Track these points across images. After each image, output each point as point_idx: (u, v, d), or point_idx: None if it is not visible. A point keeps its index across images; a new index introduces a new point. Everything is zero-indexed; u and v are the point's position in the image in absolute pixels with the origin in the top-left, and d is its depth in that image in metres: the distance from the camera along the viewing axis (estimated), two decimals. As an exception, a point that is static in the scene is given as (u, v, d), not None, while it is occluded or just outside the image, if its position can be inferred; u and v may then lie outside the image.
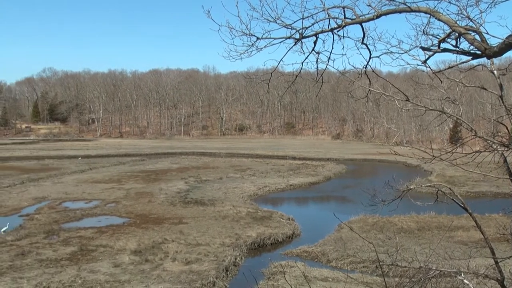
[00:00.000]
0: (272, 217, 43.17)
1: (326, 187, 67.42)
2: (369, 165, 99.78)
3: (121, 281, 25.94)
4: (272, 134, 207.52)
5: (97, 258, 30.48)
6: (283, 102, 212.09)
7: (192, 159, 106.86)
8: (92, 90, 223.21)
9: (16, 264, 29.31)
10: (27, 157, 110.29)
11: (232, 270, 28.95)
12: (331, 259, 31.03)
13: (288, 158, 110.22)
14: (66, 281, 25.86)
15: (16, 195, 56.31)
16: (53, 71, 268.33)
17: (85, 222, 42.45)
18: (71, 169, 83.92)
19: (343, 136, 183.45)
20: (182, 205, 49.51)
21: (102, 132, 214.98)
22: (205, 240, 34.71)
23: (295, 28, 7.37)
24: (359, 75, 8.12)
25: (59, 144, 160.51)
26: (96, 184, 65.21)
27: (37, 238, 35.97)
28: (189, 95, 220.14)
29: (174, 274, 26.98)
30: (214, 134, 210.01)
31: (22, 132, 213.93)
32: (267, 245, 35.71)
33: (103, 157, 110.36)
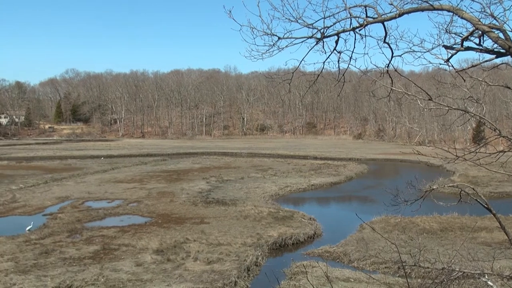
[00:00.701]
0: (294, 217, 43.05)
1: (348, 187, 67.09)
2: (391, 165, 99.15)
3: (143, 280, 26.05)
4: (294, 134, 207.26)
5: (119, 257, 30.65)
6: (305, 102, 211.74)
7: (213, 159, 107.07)
8: (114, 91, 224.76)
9: (40, 262, 29.59)
10: (50, 157, 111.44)
11: (253, 270, 28.90)
12: (353, 260, 30.84)
13: (309, 158, 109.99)
14: (89, 280, 26.04)
15: (40, 194, 56.88)
16: (75, 72, 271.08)
17: (107, 221, 42.72)
18: (93, 169, 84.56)
19: (365, 136, 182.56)
20: (203, 205, 49.59)
21: (124, 132, 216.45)
22: (226, 240, 34.71)
23: (317, 28, 7.35)
24: (381, 74, 8.08)
25: (81, 144, 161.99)
26: (119, 183, 65.62)
27: (61, 237, 36.29)
28: (211, 95, 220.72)
29: (196, 273, 27.02)
30: (236, 134, 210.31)
31: (45, 133, 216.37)
32: (289, 245, 35.61)
33: (125, 157, 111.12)
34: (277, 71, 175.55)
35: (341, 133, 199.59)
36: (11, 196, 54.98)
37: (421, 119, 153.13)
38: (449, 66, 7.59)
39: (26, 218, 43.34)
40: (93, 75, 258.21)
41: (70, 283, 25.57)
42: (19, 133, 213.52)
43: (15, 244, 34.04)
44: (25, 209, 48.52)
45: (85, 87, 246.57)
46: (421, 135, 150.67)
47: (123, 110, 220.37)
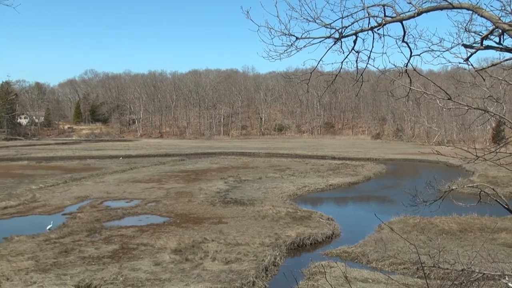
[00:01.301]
0: (312, 217, 42.98)
1: (366, 187, 66.85)
2: (410, 165, 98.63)
3: (162, 279, 26.15)
4: (312, 134, 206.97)
5: (138, 256, 30.80)
6: (322, 102, 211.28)
7: (231, 159, 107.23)
8: (133, 91, 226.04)
9: (60, 261, 29.84)
10: (69, 157, 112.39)
11: (271, 270, 28.89)
12: (371, 260, 30.69)
13: (327, 158, 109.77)
14: (108, 278, 26.22)
15: (59, 194, 57.36)
16: (94, 73, 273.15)
17: (126, 221, 42.94)
18: (112, 168, 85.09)
19: (383, 136, 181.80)
20: (221, 205, 49.67)
21: (143, 133, 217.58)
22: (244, 239, 34.73)
23: (335, 28, 7.33)
24: (399, 74, 8.04)
25: (100, 144, 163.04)
26: (137, 183, 65.96)
27: (80, 236, 36.56)
28: (228, 95, 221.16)
29: (214, 273, 27.07)
30: (253, 134, 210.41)
31: (64, 133, 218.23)
32: (307, 245, 35.55)
33: (144, 157, 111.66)
34: (295, 71, 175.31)
35: (359, 133, 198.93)
36: (31, 196, 55.50)
37: (439, 118, 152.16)
38: (468, 65, 7.54)
39: (46, 218, 43.73)
40: (112, 75, 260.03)
41: (89, 282, 25.77)
42: (39, 133, 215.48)
43: (35, 243, 34.37)
44: (45, 209, 48.96)
45: (103, 88, 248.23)
46: (440, 135, 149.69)
47: (142, 110, 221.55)
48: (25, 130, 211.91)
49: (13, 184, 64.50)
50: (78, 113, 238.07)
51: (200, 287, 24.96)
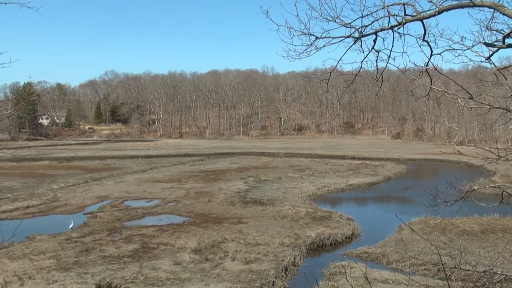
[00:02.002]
0: (332, 217, 42.86)
1: (386, 187, 66.48)
2: (430, 165, 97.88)
3: (182, 279, 26.24)
4: (331, 133, 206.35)
5: (158, 255, 30.94)
6: (342, 102, 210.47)
7: (251, 159, 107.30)
8: (153, 92, 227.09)
9: (81, 260, 30.10)
10: (90, 157, 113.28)
11: (291, 270, 28.85)
12: (392, 261, 30.49)
13: (347, 158, 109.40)
14: (128, 277, 26.38)
15: (80, 193, 57.83)
16: (114, 74, 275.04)
17: (146, 220, 43.18)
18: (132, 168, 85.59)
19: (403, 136, 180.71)
20: (241, 204, 49.71)
21: (163, 133, 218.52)
22: (264, 239, 34.73)
23: (354, 27, 7.29)
24: (420, 73, 7.97)
25: (120, 144, 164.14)
26: (157, 183, 66.25)
27: (101, 235, 36.84)
28: (248, 96, 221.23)
29: (233, 273, 27.10)
30: (273, 134, 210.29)
31: (85, 133, 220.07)
32: (326, 245, 35.45)
33: (164, 157, 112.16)
34: (314, 71, 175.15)
35: (379, 133, 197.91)
36: (53, 195, 56.03)
37: (460, 118, 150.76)
38: (490, 64, 7.45)
39: (67, 217, 44.12)
40: (132, 76, 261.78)
41: (110, 281, 25.95)
42: (60, 133, 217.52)
43: (57, 242, 34.72)
44: (66, 208, 49.40)
45: (124, 88, 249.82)
46: (461, 134, 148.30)
47: (161, 110, 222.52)
48: (46, 131, 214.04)
49: (35, 184, 65.18)
50: (99, 114, 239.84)
51: (220, 287, 25.00)
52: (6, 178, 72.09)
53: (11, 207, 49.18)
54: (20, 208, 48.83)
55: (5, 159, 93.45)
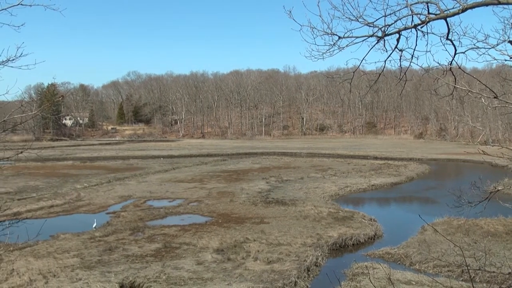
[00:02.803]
0: (354, 217, 42.68)
1: (409, 187, 66.01)
2: (453, 165, 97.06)
3: (204, 278, 26.32)
4: (353, 133, 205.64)
5: (180, 255, 31.07)
6: (364, 101, 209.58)
7: (273, 159, 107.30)
8: (175, 92, 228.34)
9: (104, 259, 30.36)
10: (113, 157, 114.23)
11: (313, 270, 28.77)
12: (415, 262, 30.24)
13: (369, 158, 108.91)
14: (151, 277, 26.54)
15: (103, 193, 58.32)
16: (137, 75, 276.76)
17: (168, 220, 43.39)
18: (155, 168, 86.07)
19: (426, 135, 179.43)
20: (263, 204, 49.72)
21: (185, 133, 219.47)
22: (286, 240, 34.70)
23: (378, 26, 7.26)
24: (443, 72, 7.91)
25: (143, 144, 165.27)
26: (179, 183, 66.54)
27: (123, 234, 37.11)
28: (270, 96, 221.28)
29: (256, 273, 27.12)
30: (295, 134, 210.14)
31: (108, 133, 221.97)
32: (349, 246, 35.31)
33: (186, 157, 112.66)
34: (336, 71, 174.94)
35: (401, 133, 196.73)
36: (76, 195, 56.58)
37: (484, 117, 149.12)
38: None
39: (90, 216, 44.57)
40: (154, 77, 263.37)
41: (133, 280, 26.16)
42: (83, 134, 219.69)
43: (81, 240, 35.06)
44: (89, 208, 49.86)
45: (146, 89, 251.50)
46: (485, 134, 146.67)
47: (184, 111, 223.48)
48: (70, 131, 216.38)
49: (58, 184, 65.88)
50: (121, 114, 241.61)
51: (242, 286, 25.03)
52: (31, 177, 72.98)
53: (36, 206, 49.76)
54: (45, 208, 49.39)
55: (29, 159, 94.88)
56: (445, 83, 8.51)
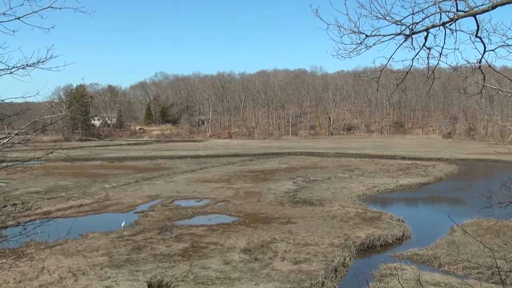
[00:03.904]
0: (382, 218, 42.41)
1: (437, 188, 65.36)
2: (483, 165, 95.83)
3: (231, 278, 26.38)
4: (381, 133, 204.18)
5: (208, 255, 31.19)
6: (392, 101, 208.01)
7: (300, 159, 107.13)
8: (202, 92, 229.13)
9: (133, 257, 30.63)
10: (141, 157, 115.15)
11: (341, 270, 28.66)
12: (443, 263, 29.87)
13: (397, 158, 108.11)
14: (179, 276, 26.69)
15: (131, 193, 58.82)
16: (164, 75, 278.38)
17: (196, 220, 43.60)
18: (182, 168, 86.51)
19: (455, 135, 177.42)
20: (290, 205, 49.66)
21: (212, 133, 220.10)
22: (313, 240, 34.62)
23: (405, 24, 7.21)
24: (472, 70, 7.81)
25: (170, 144, 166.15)
26: (206, 183, 66.78)
27: (151, 233, 37.38)
28: (297, 95, 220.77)
29: (283, 273, 27.10)
30: (322, 134, 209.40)
31: (136, 134, 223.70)
32: (376, 246, 35.09)
33: (213, 157, 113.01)
34: (363, 70, 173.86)
35: (429, 132, 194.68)
36: (105, 194, 57.15)
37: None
38: (546, 60, 7.26)
39: (119, 215, 45.03)
40: (181, 77, 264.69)
41: (161, 279, 26.35)
42: (111, 134, 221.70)
43: (109, 239, 35.43)
44: (118, 207, 50.33)
45: (173, 90, 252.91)
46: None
47: (211, 111, 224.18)
48: (98, 131, 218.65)
49: (87, 183, 66.60)
50: (149, 115, 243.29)
51: (270, 286, 25.03)
52: (60, 177, 73.91)
53: (65, 205, 50.39)
54: (74, 207, 49.98)
55: (59, 159, 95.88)
56: (474, 81, 8.41)
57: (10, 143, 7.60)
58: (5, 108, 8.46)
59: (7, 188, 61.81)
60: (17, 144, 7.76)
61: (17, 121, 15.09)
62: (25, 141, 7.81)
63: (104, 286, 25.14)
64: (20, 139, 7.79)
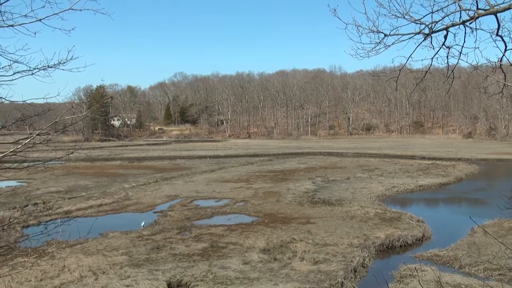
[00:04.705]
0: (401, 218, 42.15)
1: (457, 188, 64.79)
2: (504, 165, 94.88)
3: (250, 278, 26.39)
4: (400, 133, 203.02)
5: (227, 255, 31.23)
6: (411, 100, 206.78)
7: (319, 159, 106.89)
8: (221, 93, 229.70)
9: (152, 257, 30.78)
10: (160, 157, 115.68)
11: (360, 271, 28.53)
12: (464, 265, 29.57)
13: (417, 158, 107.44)
14: (198, 275, 26.75)
15: (150, 192, 59.09)
16: (183, 76, 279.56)
17: (215, 219, 43.66)
18: (201, 168, 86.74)
19: (475, 135, 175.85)
20: (309, 205, 49.55)
21: (231, 133, 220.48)
22: (333, 240, 34.52)
23: (424, 23, 7.17)
24: (493, 69, 7.74)
25: (189, 144, 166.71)
26: (226, 183, 66.87)
27: (171, 233, 37.52)
28: (316, 95, 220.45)
29: (302, 273, 27.05)
30: (341, 134, 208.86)
31: (155, 134, 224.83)
32: (396, 247, 34.87)
33: (232, 157, 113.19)
34: (382, 69, 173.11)
35: (449, 132, 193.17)
36: (124, 194, 57.48)
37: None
38: None
39: (138, 215, 45.28)
40: (200, 77, 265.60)
41: (180, 278, 26.44)
42: (131, 134, 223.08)
43: (129, 239, 35.64)
44: (137, 207, 50.58)
45: (192, 90, 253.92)
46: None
47: (229, 111, 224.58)
48: (118, 132, 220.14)
49: (107, 183, 67.08)
50: (168, 115, 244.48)
51: (289, 286, 25.00)
52: (81, 177, 74.51)
53: (85, 205, 50.76)
54: (94, 206, 50.33)
55: (79, 159, 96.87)
56: (495, 80, 8.32)
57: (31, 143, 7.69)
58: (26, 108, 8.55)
59: (28, 188, 62.47)
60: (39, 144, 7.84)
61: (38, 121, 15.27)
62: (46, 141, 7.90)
63: (124, 285, 25.29)
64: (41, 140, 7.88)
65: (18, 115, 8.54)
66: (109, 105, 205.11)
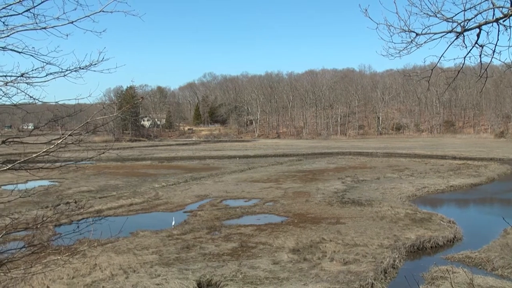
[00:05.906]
0: (432, 219, 41.69)
1: (489, 189, 63.89)
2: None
3: (280, 278, 26.37)
4: (431, 133, 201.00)
5: (256, 254, 31.24)
6: (442, 100, 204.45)
7: (348, 159, 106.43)
8: (250, 93, 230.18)
9: (182, 256, 30.95)
10: (190, 157, 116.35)
11: (390, 272, 28.30)
12: (497, 267, 29.07)
13: (447, 157, 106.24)
14: (227, 275, 26.82)
15: (180, 192, 59.43)
16: (212, 76, 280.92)
17: (244, 219, 43.71)
18: (230, 168, 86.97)
19: (507, 134, 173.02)
20: (339, 205, 49.33)
21: (260, 133, 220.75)
22: (362, 240, 34.31)
23: (457, 21, 7.08)
24: (527, 68, 7.61)
25: (219, 145, 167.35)
26: (255, 183, 66.93)
27: (200, 233, 37.68)
28: (345, 95, 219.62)
29: (332, 274, 26.94)
30: (371, 134, 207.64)
31: (184, 134, 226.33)
32: (427, 248, 34.49)
33: (261, 157, 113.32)
34: (413, 68, 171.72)
35: (481, 132, 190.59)
36: (154, 194, 57.90)
37: None
38: None
39: (168, 215, 45.57)
40: (229, 78, 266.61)
41: (210, 278, 26.54)
42: (161, 134, 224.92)
43: (159, 238, 35.89)
44: (167, 206, 50.91)
45: (221, 90, 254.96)
46: None
47: (259, 111, 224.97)
48: (147, 132, 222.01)
49: (137, 183, 67.67)
50: (198, 115, 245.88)
51: (318, 287, 24.92)
52: (111, 177, 75.32)
53: (116, 204, 51.28)
54: (124, 206, 50.81)
55: (110, 159, 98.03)
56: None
57: (63, 143, 7.78)
58: (58, 109, 8.66)
59: (60, 187, 63.33)
60: (70, 144, 7.93)
61: (70, 122, 15.47)
62: (78, 141, 7.98)
63: (154, 284, 25.48)
64: (73, 140, 7.97)
65: (50, 116, 8.68)
66: (139, 106, 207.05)
